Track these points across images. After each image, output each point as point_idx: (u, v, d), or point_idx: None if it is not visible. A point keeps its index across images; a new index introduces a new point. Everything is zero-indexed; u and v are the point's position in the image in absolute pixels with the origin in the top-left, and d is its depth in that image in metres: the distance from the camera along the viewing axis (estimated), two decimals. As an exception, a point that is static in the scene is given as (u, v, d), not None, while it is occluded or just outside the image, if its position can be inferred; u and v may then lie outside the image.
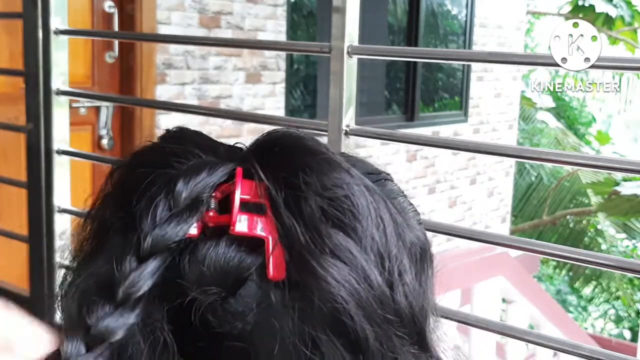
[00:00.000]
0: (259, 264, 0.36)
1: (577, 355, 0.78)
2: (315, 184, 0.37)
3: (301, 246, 0.35)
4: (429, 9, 4.82)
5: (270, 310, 0.36)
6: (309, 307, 0.35)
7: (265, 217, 0.36)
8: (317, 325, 0.35)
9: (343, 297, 0.35)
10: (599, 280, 8.35)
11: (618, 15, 7.94)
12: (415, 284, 0.39)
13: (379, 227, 0.38)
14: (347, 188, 0.37)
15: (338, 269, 0.35)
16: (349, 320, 0.35)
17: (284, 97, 3.70)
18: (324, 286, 0.35)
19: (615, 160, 0.84)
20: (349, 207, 0.37)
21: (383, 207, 0.39)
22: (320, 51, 0.97)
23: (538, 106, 9.12)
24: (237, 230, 0.36)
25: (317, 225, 0.36)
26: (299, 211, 0.36)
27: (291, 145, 0.39)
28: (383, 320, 0.36)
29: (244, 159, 0.39)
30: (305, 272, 0.35)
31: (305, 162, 0.38)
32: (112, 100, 2.70)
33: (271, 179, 0.37)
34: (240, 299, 0.36)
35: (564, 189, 8.33)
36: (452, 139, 4.22)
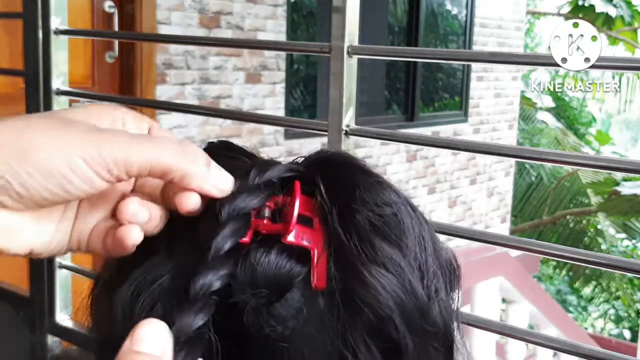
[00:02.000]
0: (305, 273, 0.38)
1: (577, 355, 0.77)
2: (366, 200, 0.39)
3: (352, 256, 0.38)
4: (429, 9, 4.83)
5: (311, 317, 0.38)
6: (353, 315, 0.37)
7: (313, 230, 0.39)
8: (358, 332, 0.37)
9: (390, 306, 0.37)
10: (599, 280, 8.35)
11: (618, 15, 7.94)
12: (448, 300, 0.42)
13: (420, 246, 0.40)
14: (395, 207, 0.40)
15: (387, 279, 0.37)
16: (393, 329, 0.37)
17: (284, 97, 3.71)
18: (373, 294, 0.37)
19: (615, 160, 0.84)
20: (396, 224, 0.40)
21: (424, 227, 0.42)
22: (320, 51, 0.97)
23: (538, 106, 9.13)
24: (289, 240, 0.38)
25: (369, 237, 0.38)
26: (351, 223, 0.38)
27: (344, 164, 0.42)
28: (422, 331, 0.39)
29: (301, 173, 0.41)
30: (355, 280, 0.37)
31: (358, 181, 0.40)
32: (112, 100, 2.69)
33: (325, 194, 0.39)
34: (286, 304, 0.38)
35: (564, 189, 8.33)
36: (452, 139, 4.22)
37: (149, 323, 0.32)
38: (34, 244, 0.39)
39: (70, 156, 0.36)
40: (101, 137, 0.37)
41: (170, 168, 0.37)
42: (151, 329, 0.32)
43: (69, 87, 1.28)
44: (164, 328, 0.33)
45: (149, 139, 0.38)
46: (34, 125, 0.37)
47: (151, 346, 0.32)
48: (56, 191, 0.36)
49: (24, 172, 0.35)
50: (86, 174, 0.36)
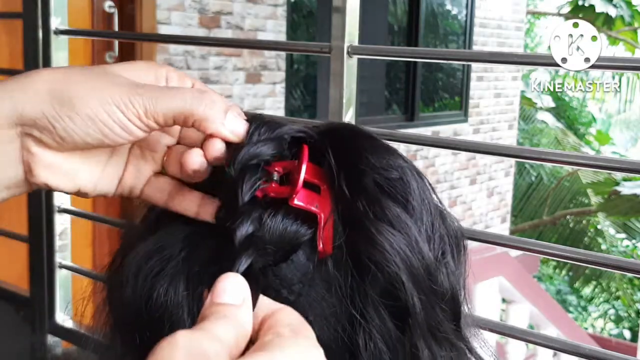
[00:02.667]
0: (311, 237, 0.38)
1: (577, 355, 0.77)
2: (373, 164, 0.40)
3: (360, 214, 0.38)
4: (429, 9, 4.83)
5: (317, 281, 0.38)
6: (361, 275, 0.37)
7: (320, 197, 0.39)
8: (366, 292, 0.37)
9: (397, 264, 0.37)
10: (599, 280, 8.35)
11: (618, 15, 7.94)
12: (454, 266, 0.42)
13: (427, 208, 0.41)
14: (402, 171, 0.41)
15: (394, 237, 0.38)
16: (400, 286, 0.37)
17: (284, 97, 3.71)
18: (380, 252, 0.37)
19: (615, 160, 0.84)
20: (403, 187, 0.40)
21: (430, 192, 0.42)
22: (320, 51, 0.97)
23: (538, 106, 9.13)
24: (296, 203, 0.38)
25: (376, 197, 0.39)
26: (358, 184, 0.39)
27: (352, 132, 0.43)
28: (430, 291, 0.39)
29: (310, 137, 0.42)
30: (363, 238, 0.38)
31: (365, 146, 0.41)
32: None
33: (332, 161, 0.40)
34: (292, 265, 0.38)
35: (564, 189, 8.33)
36: (452, 139, 4.22)
37: (228, 276, 0.33)
38: (80, 183, 0.43)
39: (106, 103, 0.39)
40: (134, 89, 0.40)
41: (190, 112, 0.40)
42: (230, 281, 0.33)
43: (69, 87, 1.28)
44: (241, 279, 0.33)
45: (175, 89, 0.41)
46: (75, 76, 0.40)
47: (231, 297, 0.33)
48: (96, 136, 0.40)
49: (66, 116, 0.39)
50: (121, 121, 0.40)
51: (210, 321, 0.31)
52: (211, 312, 0.32)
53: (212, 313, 0.32)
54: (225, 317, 0.31)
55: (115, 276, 0.42)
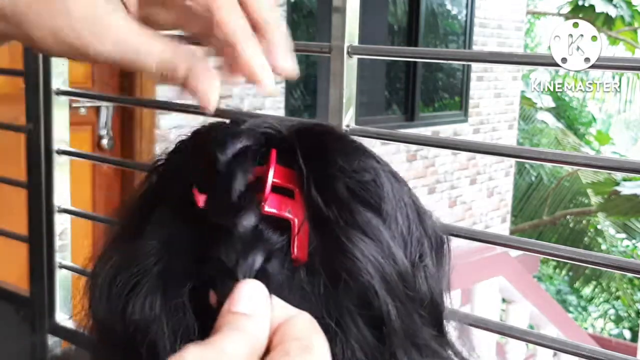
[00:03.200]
0: (285, 244, 0.37)
1: (577, 355, 0.77)
2: (345, 167, 0.38)
3: (330, 222, 0.37)
4: (429, 9, 4.82)
5: (292, 289, 0.37)
6: (335, 284, 0.36)
7: (294, 201, 0.38)
8: (340, 302, 0.36)
9: (369, 272, 0.36)
10: (599, 280, 8.35)
11: (618, 15, 7.94)
12: (434, 269, 0.41)
13: (402, 212, 0.39)
14: (374, 172, 0.39)
15: (366, 244, 0.37)
16: (374, 295, 0.36)
17: (284, 97, 3.71)
18: (351, 260, 0.36)
19: (615, 160, 0.84)
20: (375, 190, 0.39)
21: (406, 193, 0.41)
22: (320, 51, 0.97)
23: (538, 106, 9.13)
24: (266, 210, 0.37)
25: (347, 203, 0.37)
26: (329, 191, 0.38)
27: (323, 133, 0.42)
28: (405, 297, 0.37)
29: (281, 143, 0.40)
30: (334, 247, 0.36)
31: (336, 148, 0.40)
32: (112, 100, 2.70)
33: (303, 164, 0.38)
34: (265, 275, 0.36)
35: (564, 189, 8.33)
36: (452, 139, 4.22)
37: (246, 283, 0.32)
38: None
39: None
40: None
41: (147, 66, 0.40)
42: (247, 287, 0.32)
43: (69, 87, 1.28)
44: (260, 285, 0.32)
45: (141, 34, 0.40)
46: None
47: (248, 305, 0.31)
48: None
49: None
50: None
51: (222, 334, 0.30)
52: (225, 323, 0.31)
53: (225, 324, 0.31)
54: (238, 329, 0.30)
55: (90, 286, 0.41)
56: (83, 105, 2.82)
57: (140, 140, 2.95)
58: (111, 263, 0.39)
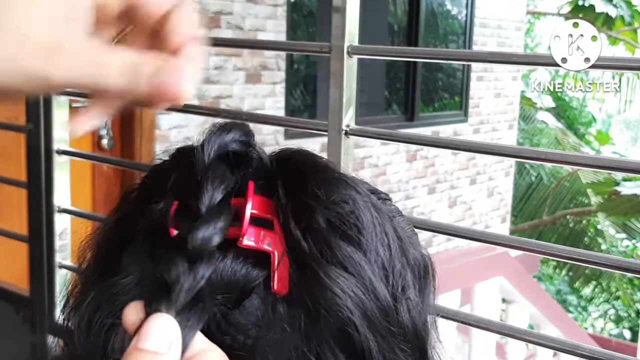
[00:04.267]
0: (265, 277, 0.36)
1: (577, 355, 0.77)
2: (323, 198, 0.37)
3: (309, 257, 0.36)
4: (429, 9, 4.83)
5: (273, 323, 0.36)
6: (315, 319, 0.36)
7: (273, 233, 0.37)
8: (321, 337, 0.36)
9: (349, 308, 0.35)
10: (599, 280, 8.35)
11: (618, 15, 7.94)
12: (418, 300, 0.40)
13: (383, 242, 0.38)
14: (353, 203, 0.38)
15: (345, 280, 0.36)
16: (354, 331, 0.35)
17: (284, 97, 3.71)
18: (331, 296, 0.35)
19: (615, 160, 0.84)
20: (354, 222, 0.38)
21: (388, 223, 0.39)
22: (320, 51, 0.97)
23: (538, 106, 9.13)
24: (245, 243, 0.36)
25: (325, 237, 0.37)
26: (307, 223, 0.37)
27: (302, 162, 0.40)
28: (387, 332, 0.37)
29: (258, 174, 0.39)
30: (313, 282, 0.36)
31: (314, 178, 0.39)
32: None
33: (281, 195, 0.38)
34: (245, 312, 0.36)
35: (564, 189, 8.33)
36: (452, 139, 4.22)
37: (157, 317, 0.31)
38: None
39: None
40: None
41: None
42: (158, 323, 0.31)
43: (69, 87, 1.28)
44: (172, 321, 0.31)
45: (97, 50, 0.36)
46: None
47: (157, 343, 0.30)
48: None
49: None
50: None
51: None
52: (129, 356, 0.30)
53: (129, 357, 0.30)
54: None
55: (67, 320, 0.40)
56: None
57: (140, 140, 2.95)
58: (89, 300, 0.38)
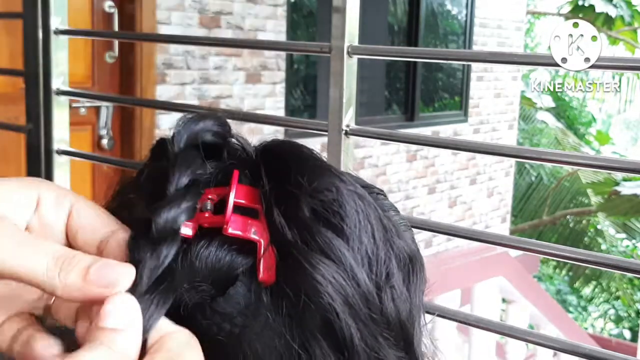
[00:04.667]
0: (250, 265, 0.37)
1: (577, 355, 0.77)
2: (306, 187, 0.38)
3: (291, 245, 0.36)
4: (429, 9, 4.83)
5: (258, 312, 0.36)
6: (298, 306, 0.36)
7: (259, 222, 0.37)
8: (304, 325, 0.36)
9: (330, 294, 0.36)
10: (599, 280, 8.35)
11: (618, 15, 7.94)
12: (403, 289, 0.40)
13: (367, 230, 0.38)
14: (337, 191, 0.38)
15: (326, 266, 0.36)
16: (335, 318, 0.36)
17: (284, 97, 3.71)
18: (312, 283, 0.35)
19: (615, 160, 0.84)
20: (337, 209, 0.38)
21: (372, 212, 0.39)
22: (320, 51, 0.97)
23: (538, 106, 9.13)
24: (230, 232, 0.36)
25: (308, 225, 0.37)
26: (290, 211, 0.37)
27: (286, 151, 0.41)
28: (369, 320, 0.37)
29: (242, 164, 0.40)
30: (294, 270, 0.36)
31: (298, 167, 0.39)
32: (112, 100, 2.70)
33: (265, 183, 0.38)
34: (229, 299, 0.36)
35: (564, 189, 8.33)
36: (452, 139, 4.22)
37: (116, 297, 0.31)
38: None
39: None
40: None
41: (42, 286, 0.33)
42: (117, 302, 0.31)
43: (69, 87, 1.28)
44: (131, 300, 0.32)
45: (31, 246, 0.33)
46: None
47: (116, 320, 0.30)
48: None
49: None
50: None
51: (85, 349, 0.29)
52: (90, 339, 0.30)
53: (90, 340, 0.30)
54: (102, 345, 0.29)
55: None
56: (83, 105, 2.82)
57: (140, 140, 2.95)
58: None
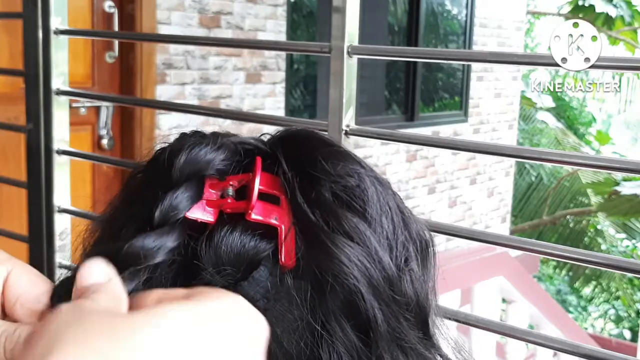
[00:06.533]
0: (272, 250, 0.37)
1: (577, 355, 0.77)
2: (329, 172, 0.39)
3: (316, 228, 0.37)
4: (429, 9, 4.82)
5: (280, 295, 0.37)
6: (321, 288, 0.36)
7: (280, 208, 0.38)
8: (327, 307, 0.36)
9: (355, 276, 0.36)
10: (599, 280, 8.35)
11: (618, 15, 7.94)
12: (420, 272, 0.41)
13: (387, 215, 0.40)
14: (359, 177, 0.40)
15: (351, 249, 0.37)
16: (360, 299, 0.36)
17: (284, 97, 3.71)
18: (338, 265, 0.36)
19: (615, 160, 0.84)
20: (360, 194, 0.39)
21: (391, 198, 0.41)
22: (320, 51, 0.97)
23: (538, 106, 9.12)
24: (253, 217, 0.37)
25: (332, 208, 0.38)
26: (314, 196, 0.38)
27: (307, 138, 0.42)
28: (392, 301, 0.38)
29: (264, 152, 0.41)
30: (320, 252, 0.37)
31: (321, 153, 0.40)
32: (112, 100, 2.70)
33: (288, 170, 0.39)
34: (253, 283, 0.37)
35: (564, 189, 8.33)
36: (452, 139, 4.22)
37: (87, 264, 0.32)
38: None
39: None
40: None
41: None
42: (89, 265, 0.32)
43: (69, 87, 1.28)
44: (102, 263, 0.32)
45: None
46: None
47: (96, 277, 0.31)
48: None
49: None
50: None
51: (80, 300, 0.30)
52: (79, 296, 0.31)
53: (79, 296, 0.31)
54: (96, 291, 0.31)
55: None
56: (83, 105, 2.82)
57: (140, 140, 2.95)
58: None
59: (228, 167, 0.39)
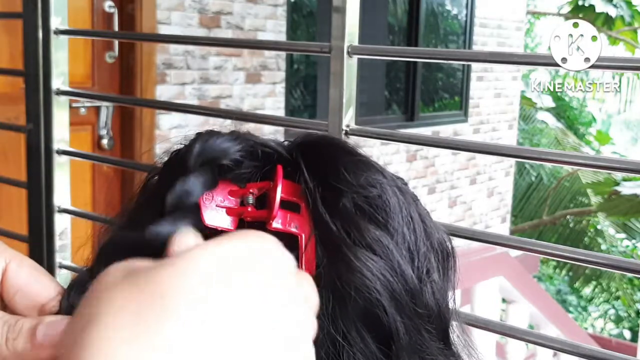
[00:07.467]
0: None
1: (577, 355, 0.77)
2: (351, 182, 0.38)
3: (337, 239, 0.37)
4: (429, 9, 4.82)
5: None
6: (342, 299, 0.36)
7: (300, 216, 0.38)
8: (348, 318, 0.36)
9: (377, 290, 0.36)
10: (599, 280, 8.34)
11: (618, 15, 7.94)
12: (441, 282, 0.41)
13: (409, 226, 0.39)
14: (381, 187, 0.39)
15: (374, 262, 0.37)
16: (382, 312, 0.36)
17: (284, 97, 3.71)
18: (360, 278, 0.36)
19: (615, 160, 0.84)
20: (382, 205, 0.39)
21: (413, 207, 0.41)
22: (320, 51, 0.97)
23: (538, 106, 9.12)
24: (274, 226, 0.37)
25: (353, 220, 0.37)
26: (336, 207, 0.38)
27: (329, 146, 0.41)
28: (414, 314, 0.38)
29: (285, 158, 0.40)
30: (342, 264, 0.36)
31: (342, 162, 0.39)
32: (112, 100, 2.70)
33: (309, 179, 0.38)
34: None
35: (564, 189, 8.33)
36: (452, 139, 4.22)
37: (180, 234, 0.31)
38: None
39: None
40: None
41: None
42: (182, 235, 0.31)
43: (69, 87, 1.28)
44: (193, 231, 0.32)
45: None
46: None
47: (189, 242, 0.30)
48: None
49: None
50: None
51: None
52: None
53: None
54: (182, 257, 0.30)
55: None
56: (83, 105, 2.82)
57: (140, 140, 2.95)
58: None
59: (245, 170, 0.39)
